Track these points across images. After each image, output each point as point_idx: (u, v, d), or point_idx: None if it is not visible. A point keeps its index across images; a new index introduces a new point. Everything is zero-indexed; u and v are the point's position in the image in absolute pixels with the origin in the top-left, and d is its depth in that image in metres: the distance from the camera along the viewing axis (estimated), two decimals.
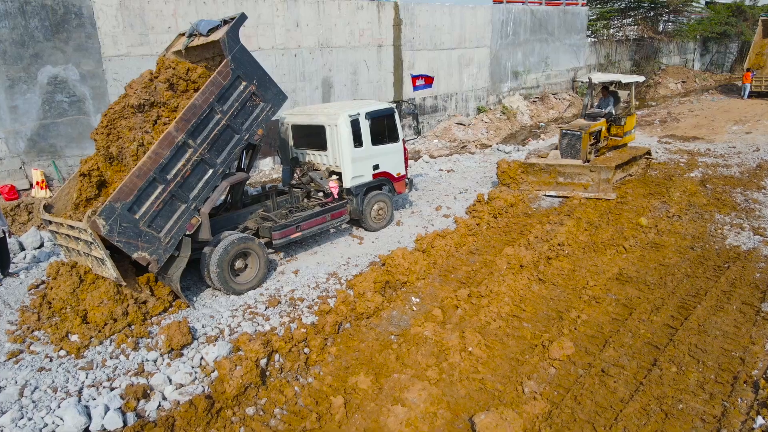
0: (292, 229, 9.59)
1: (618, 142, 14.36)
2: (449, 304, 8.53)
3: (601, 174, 12.67)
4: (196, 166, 8.22)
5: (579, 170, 12.92)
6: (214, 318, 8.17)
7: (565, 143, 13.32)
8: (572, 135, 13.16)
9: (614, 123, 14.16)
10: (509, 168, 13.36)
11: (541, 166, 13.18)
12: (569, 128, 13.36)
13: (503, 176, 13.39)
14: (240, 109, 8.67)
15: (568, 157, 13.30)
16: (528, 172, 13.32)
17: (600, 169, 12.67)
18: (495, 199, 12.24)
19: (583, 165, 12.84)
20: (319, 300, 8.62)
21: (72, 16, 12.37)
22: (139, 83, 8.59)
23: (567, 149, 13.30)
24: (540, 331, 7.78)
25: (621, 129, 14.22)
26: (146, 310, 8.01)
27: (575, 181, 12.95)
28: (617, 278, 9.17)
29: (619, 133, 14.26)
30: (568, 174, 13.03)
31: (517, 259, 9.73)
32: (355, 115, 10.41)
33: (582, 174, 12.91)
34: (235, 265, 8.82)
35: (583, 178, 12.92)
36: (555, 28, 27.19)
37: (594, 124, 13.46)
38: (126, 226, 7.52)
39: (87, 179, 8.60)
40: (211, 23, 8.91)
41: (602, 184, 12.70)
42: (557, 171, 13.07)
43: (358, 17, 18.27)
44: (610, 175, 12.65)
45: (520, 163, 13.44)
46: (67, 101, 12.67)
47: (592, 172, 12.75)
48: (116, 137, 8.35)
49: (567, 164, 13.01)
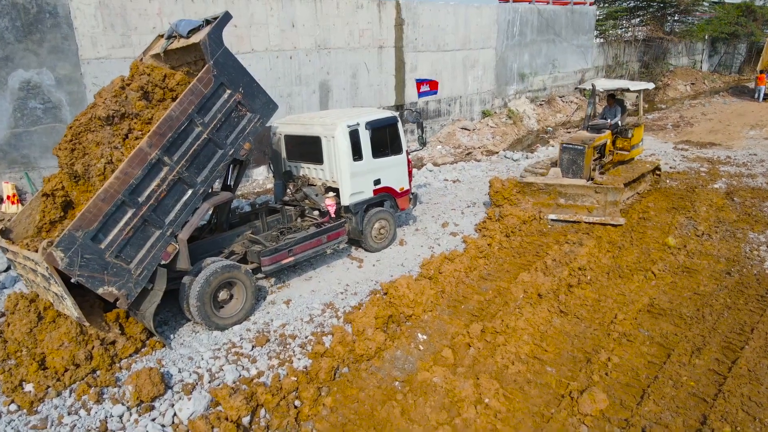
0: (284, 253, 8.57)
1: (625, 156, 12.90)
2: (460, 342, 7.52)
3: (608, 196, 11.05)
4: (172, 187, 7.21)
5: (582, 191, 11.29)
6: (193, 360, 7.16)
7: (566, 159, 11.84)
8: (574, 150, 11.67)
9: (620, 135, 12.78)
10: (503, 188, 11.75)
11: (539, 186, 11.57)
12: (570, 142, 11.91)
13: (496, 197, 11.81)
14: (224, 120, 7.66)
15: (570, 175, 11.80)
16: (524, 192, 11.69)
17: (607, 190, 11.05)
18: (507, 216, 11.21)
19: (588, 185, 11.25)
20: (313, 337, 7.61)
21: (46, 16, 11.35)
22: (108, 91, 7.57)
23: (568, 165, 11.82)
24: (566, 377, 6.77)
25: (628, 142, 12.78)
26: (114, 352, 6.99)
27: (578, 203, 11.34)
28: (648, 310, 8.15)
29: (626, 146, 12.83)
30: (569, 195, 11.41)
31: (534, 286, 8.73)
32: (354, 125, 9.40)
33: (586, 195, 11.28)
34: (218, 297, 7.81)
35: (587, 200, 11.28)
36: (562, 29, 26.18)
37: (598, 137, 12.05)
38: (89, 258, 6.50)
39: (51, 200, 7.57)
40: (192, 23, 7.88)
41: (609, 207, 11.11)
42: (557, 192, 11.47)
43: (358, 17, 17.25)
44: (618, 197, 11.09)
45: (515, 182, 11.81)
46: (42, 108, 11.65)
47: (598, 194, 11.14)
48: (82, 153, 7.33)
49: (569, 184, 11.42)
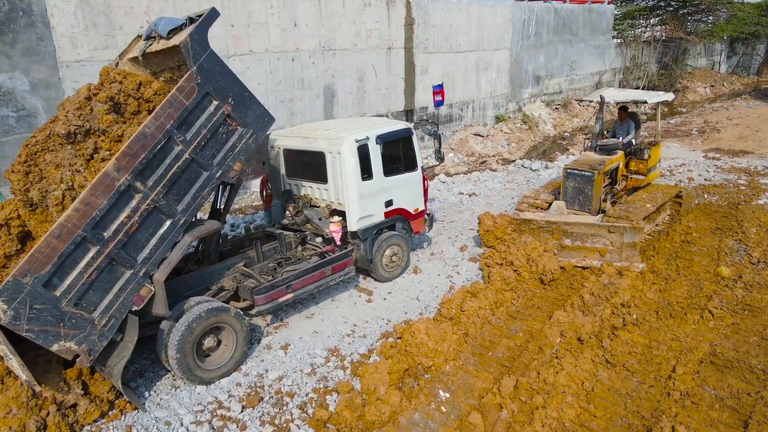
0: (281, 290, 7.34)
1: (640, 182, 10.85)
2: (490, 402, 6.28)
3: (625, 237, 8.98)
4: (146, 218, 6.01)
5: (593, 230, 9.21)
6: (171, 426, 5.95)
7: (571, 187, 9.93)
8: (581, 176, 9.77)
9: (634, 156, 10.82)
10: (495, 226, 9.64)
11: (540, 224, 9.45)
12: (576, 167, 9.97)
13: (487, 236, 9.68)
14: (209, 137, 6.44)
15: (576, 206, 9.95)
16: (522, 230, 9.59)
17: (623, 230, 8.97)
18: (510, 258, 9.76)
19: (600, 224, 9.17)
20: (315, 396, 6.38)
21: (19, 14, 10.16)
22: (72, 103, 6.37)
23: (574, 195, 9.96)
24: None
25: (644, 164, 10.73)
26: (75, 418, 5.80)
27: (587, 244, 9.26)
28: (711, 360, 6.88)
29: (642, 169, 10.78)
30: (577, 235, 9.32)
31: (572, 328, 7.49)
32: (363, 139, 8.17)
33: (597, 236, 9.20)
34: (203, 344, 6.60)
35: (598, 241, 9.20)
36: (579, 29, 24.88)
37: (610, 160, 10.13)
38: (40, 308, 5.31)
39: (5, 230, 6.39)
40: (173, 22, 6.69)
41: (626, 251, 9.04)
42: (562, 230, 9.37)
43: (365, 16, 16.01)
44: (637, 238, 9.01)
45: (510, 219, 9.71)
46: (14, 116, 10.47)
47: (612, 234, 9.06)
48: (38, 177, 6.14)
49: (576, 222, 9.36)
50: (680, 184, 14.22)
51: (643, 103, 10.89)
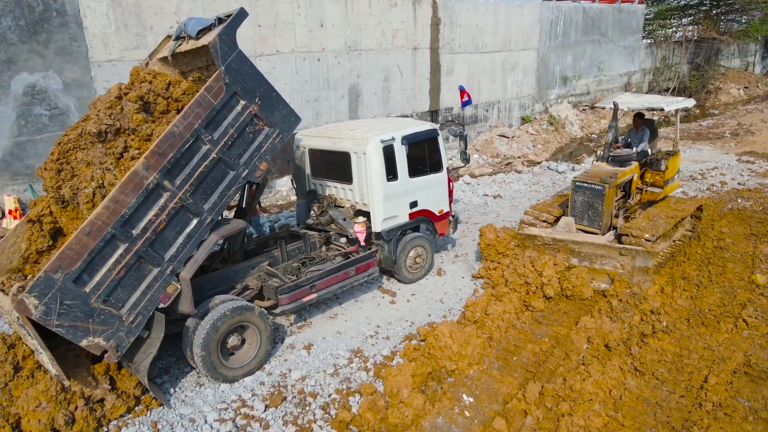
0: (305, 290, 7.35)
1: (656, 195, 10.07)
2: (515, 408, 6.18)
3: (637, 260, 8.24)
4: (174, 216, 6.06)
5: (603, 251, 8.50)
6: (195, 423, 5.99)
7: (580, 201, 9.19)
8: (591, 189, 9.04)
9: (650, 167, 10.03)
10: (497, 240, 9.08)
11: (545, 241, 8.85)
12: (586, 179, 9.18)
13: (488, 251, 9.16)
14: (237, 136, 6.47)
15: (585, 222, 9.20)
16: (525, 245, 9.02)
17: (635, 253, 8.22)
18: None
19: (610, 245, 8.45)
20: (338, 396, 6.36)
21: (53, 15, 10.39)
22: (103, 102, 6.47)
23: (583, 210, 9.20)
24: None
25: (661, 176, 9.94)
26: (102, 412, 5.87)
27: (596, 265, 8.56)
28: (745, 372, 6.65)
29: (658, 181, 10.01)
30: (585, 255, 8.65)
31: (600, 335, 7.34)
32: (389, 139, 8.13)
33: (607, 257, 8.49)
34: (227, 343, 6.64)
35: (608, 262, 8.48)
36: (608, 29, 24.44)
37: (622, 172, 9.37)
38: (70, 304, 5.39)
39: (37, 227, 6.54)
40: (202, 22, 6.74)
41: (638, 275, 8.31)
42: (569, 249, 8.71)
43: (391, 16, 15.97)
44: (650, 263, 8.24)
45: (513, 234, 9.16)
46: (48, 114, 10.71)
47: (623, 257, 8.36)
48: (70, 175, 6.24)
49: (584, 241, 8.65)
50: (712, 188, 13.87)
51: (660, 110, 9.96)
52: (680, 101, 10.40)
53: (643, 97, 11.22)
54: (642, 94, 12.62)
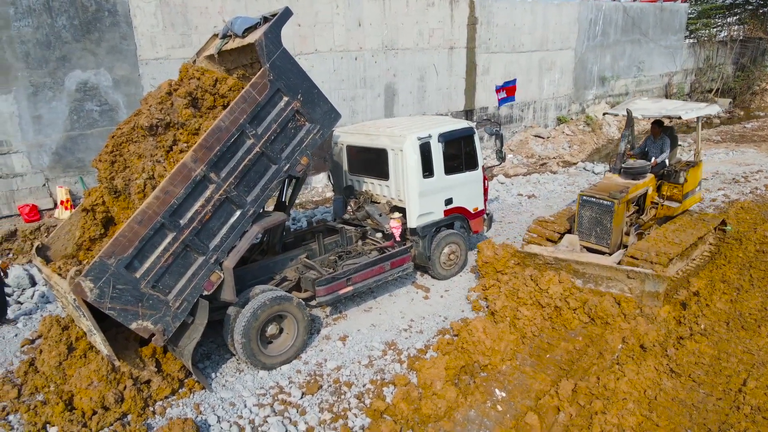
0: (342, 283, 7.53)
1: (674, 210, 9.24)
2: (547, 404, 6.23)
3: (646, 285, 7.65)
4: (218, 207, 6.32)
5: (609, 273, 7.92)
6: (235, 407, 6.23)
7: (587, 217, 8.52)
8: (599, 205, 8.34)
9: (668, 179, 9.23)
10: (495, 258, 8.60)
11: (547, 260, 8.33)
12: (594, 193, 8.50)
13: (486, 268, 8.68)
14: (279, 132, 6.70)
15: (593, 240, 8.54)
16: (525, 263, 8.55)
17: (644, 277, 7.62)
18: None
19: (617, 268, 7.80)
20: (372, 387, 6.52)
21: (105, 14, 10.86)
22: (154, 97, 6.78)
23: (590, 227, 8.52)
24: None
25: (679, 189, 9.12)
26: (148, 393, 6.16)
27: (601, 288, 7.98)
28: None
29: (677, 195, 9.18)
30: (589, 277, 8.07)
31: (635, 335, 7.30)
32: (426, 137, 8.25)
33: (613, 280, 7.91)
34: (266, 331, 6.87)
35: (614, 285, 7.91)
36: (649, 28, 23.96)
37: (635, 186, 8.65)
38: (122, 288, 5.69)
39: (90, 215, 6.91)
40: (248, 21, 6.99)
41: (646, 299, 7.74)
42: (573, 270, 8.15)
43: (429, 15, 16.06)
44: (661, 287, 7.60)
45: (514, 251, 8.71)
46: (98, 110, 11.19)
47: (631, 280, 7.76)
48: (122, 166, 6.57)
49: (589, 262, 8.06)
50: (756, 191, 13.51)
51: (677, 118, 8.88)
52: (701, 108, 9.40)
53: (661, 102, 10.29)
54: (660, 100, 11.28)
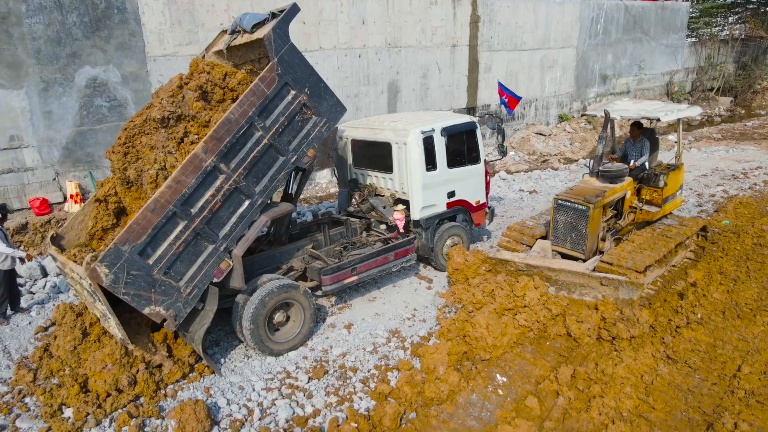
0: (347, 272, 7.73)
1: (654, 215, 8.90)
2: (547, 389, 6.41)
3: (620, 292, 7.31)
4: (228, 197, 6.51)
5: (582, 280, 7.55)
6: (244, 390, 6.43)
7: (563, 222, 8.22)
8: (574, 209, 8.04)
9: (647, 183, 8.90)
10: (465, 264, 8.20)
11: (518, 266, 7.95)
12: (569, 197, 8.17)
13: (456, 275, 8.27)
14: (287, 124, 6.89)
15: (568, 245, 8.23)
16: (497, 270, 8.15)
17: (618, 283, 7.29)
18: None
19: (590, 274, 7.46)
20: (377, 372, 6.72)
21: (114, 12, 11.07)
22: (166, 91, 6.98)
23: (565, 232, 8.22)
24: None
25: (659, 193, 8.78)
26: (160, 376, 6.37)
27: (575, 296, 7.62)
28: None
29: (656, 199, 8.85)
30: (562, 284, 7.71)
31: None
32: (429, 131, 8.44)
33: (587, 287, 7.55)
34: (273, 319, 7.07)
35: (588, 293, 7.55)
36: (651, 27, 24.11)
37: (612, 190, 8.32)
38: (136, 274, 5.89)
39: (103, 206, 7.12)
40: (257, 17, 7.18)
41: (622, 307, 7.41)
42: (545, 277, 7.78)
43: (431, 13, 16.26)
44: (635, 294, 7.29)
45: (485, 257, 8.27)
46: (107, 106, 11.41)
47: (605, 287, 7.42)
48: (135, 157, 6.78)
49: (561, 269, 7.69)
50: (755, 187, 13.67)
51: (656, 120, 8.46)
52: (682, 109, 9.01)
53: (642, 103, 9.87)
54: (641, 101, 10.98)
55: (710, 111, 26.44)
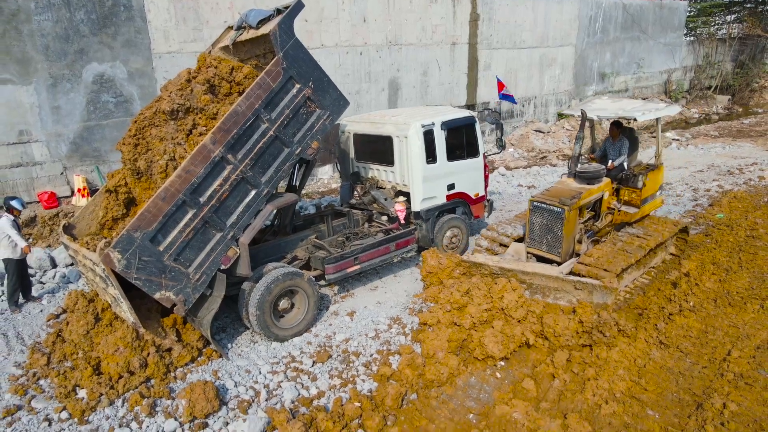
0: (349, 261, 7.96)
1: (632, 216, 8.79)
2: (544, 372, 6.64)
3: (594, 296, 7.17)
4: (235, 187, 6.74)
5: (556, 284, 7.43)
6: (251, 373, 6.66)
7: (538, 224, 8.08)
8: (549, 211, 7.89)
9: (626, 183, 8.78)
10: (439, 267, 8.04)
11: (492, 270, 7.79)
12: (545, 199, 8.00)
13: (429, 278, 8.12)
14: (291, 117, 7.12)
15: (543, 248, 8.11)
16: (471, 273, 7.97)
17: (592, 288, 7.15)
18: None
19: (564, 278, 7.32)
20: (379, 356, 6.95)
21: (121, 9, 11.30)
22: (174, 84, 7.21)
23: (541, 234, 8.08)
24: (672, 424, 5.77)
25: (638, 194, 8.70)
26: (170, 360, 6.60)
27: (549, 300, 7.49)
28: None
29: (635, 200, 8.76)
30: (536, 288, 7.59)
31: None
32: (429, 125, 8.67)
33: (561, 291, 7.44)
34: (278, 305, 7.30)
35: (562, 297, 7.43)
36: (649, 25, 24.35)
37: (588, 191, 8.12)
38: (147, 260, 6.12)
39: (113, 196, 7.33)
40: (262, 13, 7.41)
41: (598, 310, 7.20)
42: (519, 280, 7.61)
43: (432, 12, 16.49)
44: (609, 299, 7.13)
45: (458, 261, 8.11)
46: (114, 101, 11.64)
47: (579, 291, 7.30)
48: (145, 149, 7.00)
49: (535, 272, 7.55)
50: (749, 182, 13.91)
51: (632, 119, 8.29)
52: (660, 108, 8.84)
53: (621, 102, 9.68)
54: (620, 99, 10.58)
55: (708, 109, 26.69)
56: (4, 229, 7.89)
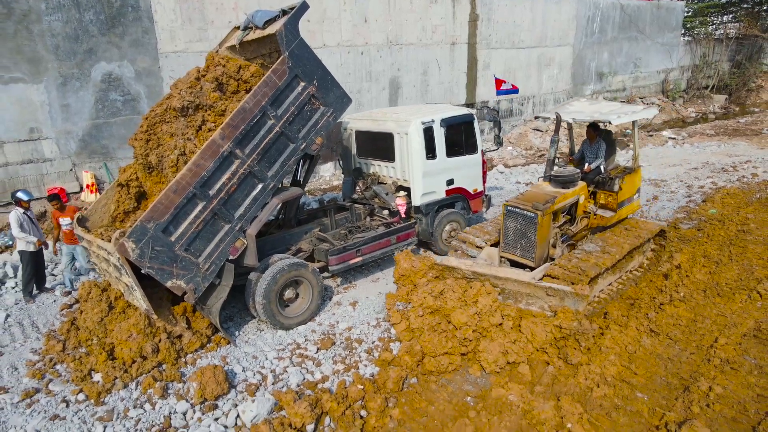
0: (352, 253, 8.25)
1: (608, 220, 8.67)
2: (538, 358, 6.93)
3: (566, 302, 7.08)
4: (243, 181, 7.04)
5: (527, 289, 7.30)
6: (258, 359, 6.95)
7: (512, 229, 7.94)
8: (522, 216, 7.77)
9: (602, 187, 8.65)
10: (412, 269, 7.78)
11: (465, 273, 7.66)
12: (518, 203, 7.87)
13: (402, 281, 7.85)
14: (297, 113, 7.42)
15: (518, 252, 7.99)
16: (444, 277, 7.78)
17: (564, 294, 7.04)
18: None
19: (535, 284, 7.19)
20: (380, 343, 7.24)
21: (128, 10, 11.60)
22: (184, 82, 7.50)
23: (515, 239, 7.95)
24: (660, 405, 6.05)
25: (614, 197, 8.57)
26: (180, 346, 6.89)
27: (521, 305, 7.34)
28: (755, 335, 7.23)
29: (611, 203, 8.63)
30: (509, 293, 7.44)
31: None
32: (429, 122, 8.96)
33: (533, 296, 7.30)
34: (284, 295, 7.60)
35: (534, 302, 7.30)
36: (646, 25, 24.63)
37: (563, 195, 8.00)
38: (159, 250, 6.41)
39: (125, 190, 7.63)
40: (268, 14, 7.71)
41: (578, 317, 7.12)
42: (492, 284, 7.47)
43: (432, 12, 16.78)
44: (581, 306, 7.04)
45: (431, 264, 7.86)
46: (121, 100, 11.93)
47: (551, 297, 7.18)
48: (156, 144, 7.29)
49: (507, 278, 7.40)
50: (743, 179, 14.20)
51: (606, 123, 8.12)
52: (637, 111, 8.72)
53: (598, 104, 9.48)
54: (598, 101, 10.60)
55: (705, 108, 26.99)
56: (11, 223, 8.19)
